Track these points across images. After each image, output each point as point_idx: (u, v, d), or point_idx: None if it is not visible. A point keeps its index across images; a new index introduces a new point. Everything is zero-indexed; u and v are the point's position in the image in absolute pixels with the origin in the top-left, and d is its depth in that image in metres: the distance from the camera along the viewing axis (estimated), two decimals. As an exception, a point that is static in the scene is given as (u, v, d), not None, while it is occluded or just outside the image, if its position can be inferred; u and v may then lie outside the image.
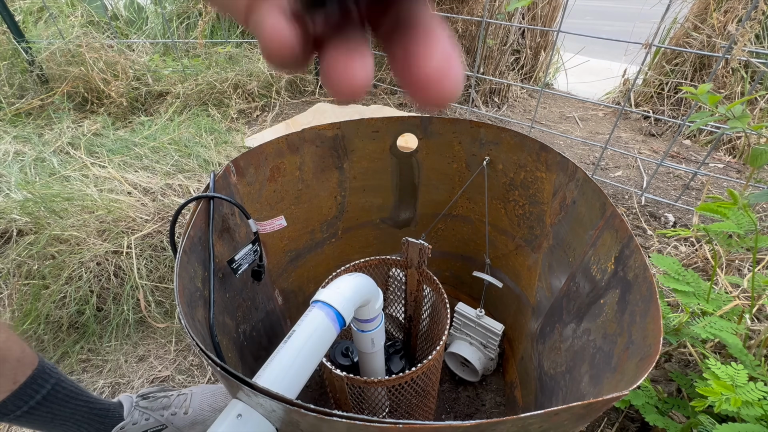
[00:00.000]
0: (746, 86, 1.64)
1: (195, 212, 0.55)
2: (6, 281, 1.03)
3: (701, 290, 0.65)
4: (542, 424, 0.33)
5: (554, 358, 0.66)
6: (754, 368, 0.61)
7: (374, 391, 0.64)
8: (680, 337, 0.70)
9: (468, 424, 0.30)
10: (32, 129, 1.65)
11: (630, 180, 1.52)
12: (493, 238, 0.86)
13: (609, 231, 0.55)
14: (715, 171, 1.55)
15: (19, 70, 1.87)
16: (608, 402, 0.32)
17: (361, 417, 0.30)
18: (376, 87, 2.09)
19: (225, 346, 0.58)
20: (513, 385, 0.87)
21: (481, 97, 2.06)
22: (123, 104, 1.81)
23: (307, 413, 0.31)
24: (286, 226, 0.80)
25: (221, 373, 0.36)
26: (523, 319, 0.83)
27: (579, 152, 1.71)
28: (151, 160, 1.45)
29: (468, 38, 1.92)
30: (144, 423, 0.72)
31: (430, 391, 0.71)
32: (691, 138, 1.81)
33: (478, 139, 0.76)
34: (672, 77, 1.86)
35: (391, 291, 0.87)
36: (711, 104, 0.75)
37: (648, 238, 1.22)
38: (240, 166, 0.68)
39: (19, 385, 0.57)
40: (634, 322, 0.46)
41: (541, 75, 2.22)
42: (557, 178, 0.68)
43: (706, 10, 1.71)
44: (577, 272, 0.63)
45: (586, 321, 0.58)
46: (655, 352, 0.38)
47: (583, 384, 0.54)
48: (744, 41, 1.19)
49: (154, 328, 1.03)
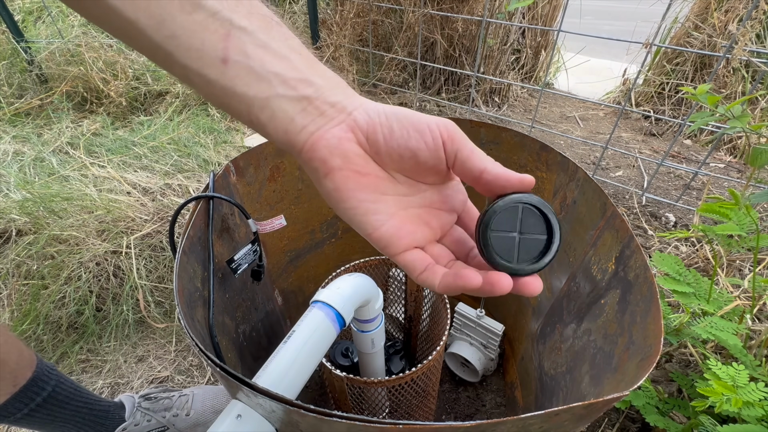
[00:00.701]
0: (747, 86, 1.64)
1: (194, 212, 0.55)
2: (5, 281, 1.03)
3: (702, 290, 0.65)
4: (543, 425, 0.33)
5: (555, 359, 0.66)
6: (754, 369, 0.60)
7: (374, 392, 0.64)
8: (681, 337, 0.70)
9: (468, 425, 0.29)
10: (31, 129, 1.65)
11: (631, 180, 1.52)
12: (493, 238, 0.86)
13: (609, 231, 0.55)
14: (716, 171, 1.55)
15: (19, 70, 1.87)
16: (609, 402, 0.32)
17: (361, 417, 0.30)
18: (376, 87, 2.09)
19: (224, 347, 0.58)
20: (513, 386, 0.87)
21: (482, 96, 2.05)
22: (122, 104, 1.80)
23: (307, 414, 0.31)
24: (286, 225, 0.80)
25: (221, 373, 0.35)
26: (524, 320, 0.83)
27: (579, 152, 1.71)
28: (150, 159, 1.45)
29: (468, 38, 1.92)
30: (146, 424, 0.72)
31: (430, 392, 0.70)
32: (691, 138, 1.81)
33: (478, 139, 0.76)
34: (673, 77, 1.86)
35: (391, 291, 0.86)
36: (710, 104, 0.74)
37: (649, 238, 1.22)
38: (239, 165, 0.67)
39: (19, 387, 0.57)
40: (634, 322, 0.46)
41: (541, 74, 2.21)
42: (558, 177, 0.68)
43: (706, 10, 1.70)
44: (578, 272, 0.63)
45: (586, 321, 0.58)
46: (656, 353, 0.38)
47: (583, 384, 0.53)
48: (745, 41, 1.19)
49: (154, 329, 1.02)
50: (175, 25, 0.25)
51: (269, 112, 0.27)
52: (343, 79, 0.30)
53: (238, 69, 0.26)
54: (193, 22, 0.25)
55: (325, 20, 1.98)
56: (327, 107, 0.28)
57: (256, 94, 0.27)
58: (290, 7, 2.19)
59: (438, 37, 1.91)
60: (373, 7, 1.92)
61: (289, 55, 0.27)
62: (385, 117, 0.28)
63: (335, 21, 1.95)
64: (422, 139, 0.27)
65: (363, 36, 2.05)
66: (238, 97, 0.27)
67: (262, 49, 0.26)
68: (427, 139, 0.27)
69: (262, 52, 0.26)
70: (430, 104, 2.00)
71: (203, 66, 0.26)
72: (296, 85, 0.27)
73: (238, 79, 0.26)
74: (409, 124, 0.27)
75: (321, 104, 0.27)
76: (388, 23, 2.05)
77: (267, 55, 0.26)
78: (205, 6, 0.25)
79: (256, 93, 0.27)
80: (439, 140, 0.27)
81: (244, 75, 0.26)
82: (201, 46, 0.25)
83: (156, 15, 0.24)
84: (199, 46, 0.25)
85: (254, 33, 0.26)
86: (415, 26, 1.91)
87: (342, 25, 1.94)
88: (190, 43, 0.25)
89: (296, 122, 0.27)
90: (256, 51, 0.26)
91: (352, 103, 0.28)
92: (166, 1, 0.24)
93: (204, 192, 0.58)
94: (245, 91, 0.27)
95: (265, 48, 0.26)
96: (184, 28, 0.25)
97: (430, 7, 1.81)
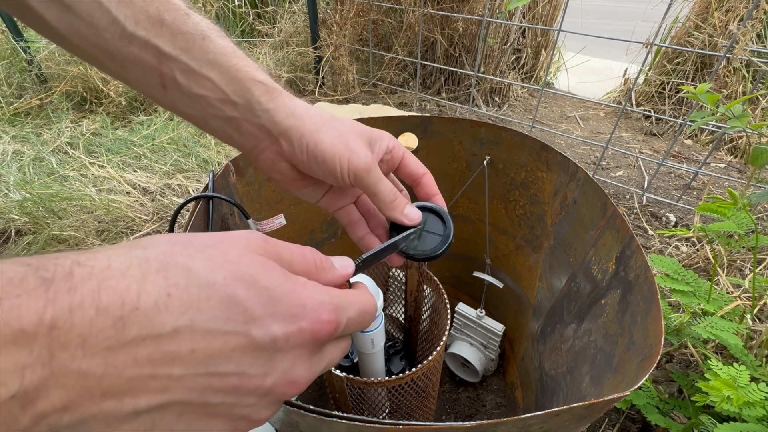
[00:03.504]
0: (748, 85, 1.64)
1: (194, 212, 0.55)
2: (5, 281, 1.03)
3: (701, 290, 0.65)
4: (543, 425, 0.33)
5: (555, 359, 0.66)
6: (755, 369, 0.60)
7: (374, 392, 0.64)
8: (681, 337, 0.70)
9: (468, 425, 0.29)
10: (31, 128, 1.65)
11: (631, 180, 1.52)
12: (493, 238, 0.86)
13: (610, 231, 0.55)
14: (717, 171, 1.55)
15: (18, 70, 1.87)
16: (609, 403, 0.32)
17: (361, 418, 0.30)
18: (376, 86, 2.09)
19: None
20: (514, 386, 0.87)
21: (482, 96, 2.05)
22: (122, 104, 1.80)
23: (307, 414, 0.31)
24: (286, 225, 0.80)
25: (220, 374, 0.35)
26: (524, 320, 0.83)
27: (580, 152, 1.71)
28: (150, 159, 1.45)
29: (468, 37, 1.92)
30: None
31: (430, 392, 0.70)
32: (692, 138, 1.80)
33: (478, 139, 0.76)
34: (673, 77, 1.86)
35: (391, 291, 0.86)
36: (710, 103, 0.74)
37: (649, 238, 1.22)
38: (239, 165, 0.67)
39: None
40: (635, 322, 0.46)
41: (541, 74, 2.21)
42: (558, 177, 0.67)
43: (707, 9, 1.70)
44: (578, 272, 0.62)
45: (587, 321, 0.58)
46: (657, 353, 0.38)
47: (584, 384, 0.53)
48: (745, 40, 1.19)
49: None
50: (121, 56, 0.29)
51: (210, 128, 0.33)
52: (277, 80, 0.35)
53: (174, 93, 0.31)
54: (131, 53, 0.29)
55: (325, 20, 1.98)
56: (255, 129, 0.33)
57: (195, 114, 0.32)
58: (290, 7, 2.19)
59: (438, 37, 1.90)
60: (373, 6, 1.92)
61: (210, 75, 0.31)
62: (306, 155, 0.33)
63: (335, 21, 1.95)
64: (331, 175, 0.33)
65: (363, 36, 2.05)
66: (183, 114, 0.33)
67: (187, 74, 0.31)
68: (336, 175, 0.33)
69: (187, 77, 0.31)
70: (430, 104, 2.00)
71: (152, 91, 0.31)
72: (222, 107, 0.32)
73: (177, 101, 0.32)
74: (323, 163, 0.33)
75: (248, 126, 0.33)
76: (388, 23, 2.04)
77: (191, 80, 0.31)
78: (137, 37, 0.29)
79: (195, 113, 0.32)
80: (346, 178, 0.33)
81: (180, 98, 0.31)
82: (143, 75, 0.30)
83: (107, 50, 0.29)
84: (142, 74, 0.30)
85: (179, 57, 0.30)
86: (415, 26, 1.91)
87: (342, 25, 1.94)
88: (135, 72, 0.30)
89: (235, 139, 0.34)
90: (182, 76, 0.31)
91: (277, 128, 0.33)
92: (110, 38, 0.29)
93: (204, 192, 0.58)
94: (186, 111, 0.32)
95: (189, 73, 0.31)
96: (127, 59, 0.30)
97: (430, 6, 1.81)
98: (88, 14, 0.28)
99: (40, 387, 0.14)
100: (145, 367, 0.17)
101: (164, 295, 0.17)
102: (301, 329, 0.21)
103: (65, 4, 0.27)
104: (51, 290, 0.15)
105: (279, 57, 2.07)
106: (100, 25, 0.28)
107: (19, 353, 0.14)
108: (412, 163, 0.38)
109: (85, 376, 0.15)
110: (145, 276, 0.17)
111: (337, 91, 2.05)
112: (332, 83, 2.13)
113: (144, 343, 0.16)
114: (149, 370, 0.17)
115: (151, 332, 0.17)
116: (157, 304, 0.17)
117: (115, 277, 0.17)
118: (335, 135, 0.33)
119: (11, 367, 0.14)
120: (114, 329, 0.16)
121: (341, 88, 2.04)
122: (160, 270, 0.18)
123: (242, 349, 0.19)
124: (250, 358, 0.20)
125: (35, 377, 0.14)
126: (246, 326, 0.19)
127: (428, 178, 0.38)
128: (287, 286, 0.21)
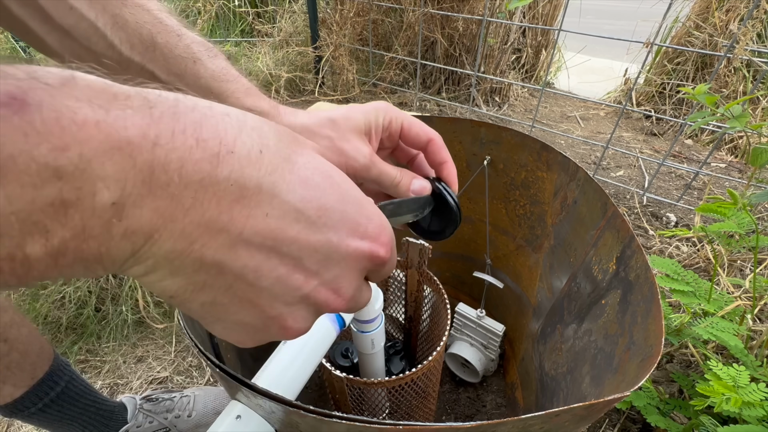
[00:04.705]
0: (748, 85, 1.64)
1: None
2: (5, 281, 1.03)
3: (702, 290, 0.65)
4: (543, 426, 0.33)
5: (555, 359, 0.66)
6: (755, 369, 0.60)
7: (374, 393, 0.64)
8: (682, 337, 0.70)
9: (468, 426, 0.29)
10: (32, 128, 1.65)
11: (631, 180, 1.52)
12: (493, 238, 0.86)
13: (610, 231, 0.55)
14: (717, 171, 1.55)
15: (19, 70, 1.87)
16: (609, 403, 0.32)
17: (361, 418, 0.30)
18: (376, 86, 2.09)
19: (224, 347, 0.58)
20: (514, 386, 0.87)
21: (482, 96, 2.05)
22: (123, 104, 1.80)
23: (307, 414, 0.31)
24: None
25: (220, 374, 0.35)
26: (524, 320, 0.83)
27: (580, 152, 1.71)
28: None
29: (469, 37, 1.92)
30: (148, 426, 0.72)
31: (430, 393, 0.70)
32: (692, 137, 1.80)
33: (478, 139, 0.76)
34: (674, 76, 1.85)
35: (391, 291, 0.86)
36: (709, 104, 0.74)
37: (650, 238, 1.22)
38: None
39: (36, 380, 0.57)
40: (635, 322, 0.46)
41: (542, 74, 2.21)
42: (558, 177, 0.67)
43: (707, 9, 1.70)
44: (579, 272, 0.62)
45: (587, 321, 0.58)
46: (657, 353, 0.38)
47: (584, 385, 0.53)
48: (746, 40, 1.19)
49: (153, 329, 1.02)
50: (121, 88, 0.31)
51: None
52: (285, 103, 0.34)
53: None
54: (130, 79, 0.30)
55: (324, 20, 1.98)
56: None
57: None
58: (290, 7, 2.19)
59: (438, 37, 1.90)
60: (373, 6, 1.92)
61: None
62: None
63: (335, 20, 1.95)
64: None
65: (363, 35, 2.05)
66: None
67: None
68: None
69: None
70: (430, 104, 2.00)
71: None
72: None
73: None
74: None
75: None
76: (388, 22, 2.04)
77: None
78: (134, 62, 0.29)
79: None
80: None
81: None
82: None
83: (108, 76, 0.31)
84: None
85: (174, 84, 0.31)
86: (415, 25, 1.90)
87: (342, 25, 1.94)
88: None
89: None
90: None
91: None
92: (109, 64, 0.30)
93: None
94: None
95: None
96: None
97: (430, 6, 1.81)
98: (86, 38, 0.28)
99: (137, 203, 0.14)
100: (224, 213, 0.16)
101: (257, 149, 0.17)
102: (363, 243, 0.21)
103: (65, 29, 0.28)
104: (156, 111, 0.15)
105: (279, 57, 2.07)
106: (97, 51, 0.29)
107: (123, 162, 0.13)
108: (414, 131, 0.36)
109: (176, 204, 0.15)
110: (242, 127, 0.17)
111: (337, 91, 2.05)
112: (332, 83, 2.13)
113: (230, 189, 0.16)
114: (227, 218, 0.16)
115: (239, 179, 0.16)
116: (249, 155, 0.17)
117: (216, 117, 0.16)
118: (328, 147, 0.33)
119: (115, 174, 0.13)
120: (209, 164, 0.16)
121: (341, 87, 2.04)
122: (255, 128, 0.18)
123: (307, 236, 0.19)
124: (311, 249, 0.19)
125: (134, 191, 0.14)
126: (317, 213, 0.19)
127: (434, 145, 0.36)
128: (357, 194, 0.21)
